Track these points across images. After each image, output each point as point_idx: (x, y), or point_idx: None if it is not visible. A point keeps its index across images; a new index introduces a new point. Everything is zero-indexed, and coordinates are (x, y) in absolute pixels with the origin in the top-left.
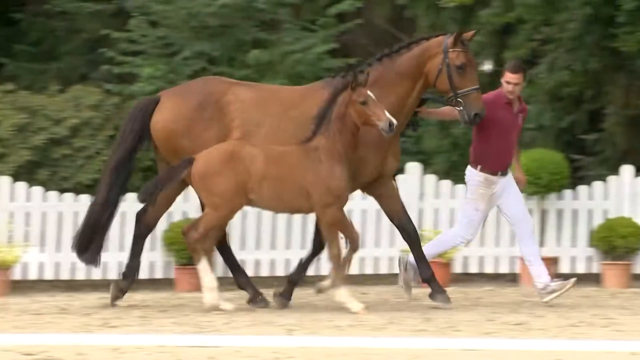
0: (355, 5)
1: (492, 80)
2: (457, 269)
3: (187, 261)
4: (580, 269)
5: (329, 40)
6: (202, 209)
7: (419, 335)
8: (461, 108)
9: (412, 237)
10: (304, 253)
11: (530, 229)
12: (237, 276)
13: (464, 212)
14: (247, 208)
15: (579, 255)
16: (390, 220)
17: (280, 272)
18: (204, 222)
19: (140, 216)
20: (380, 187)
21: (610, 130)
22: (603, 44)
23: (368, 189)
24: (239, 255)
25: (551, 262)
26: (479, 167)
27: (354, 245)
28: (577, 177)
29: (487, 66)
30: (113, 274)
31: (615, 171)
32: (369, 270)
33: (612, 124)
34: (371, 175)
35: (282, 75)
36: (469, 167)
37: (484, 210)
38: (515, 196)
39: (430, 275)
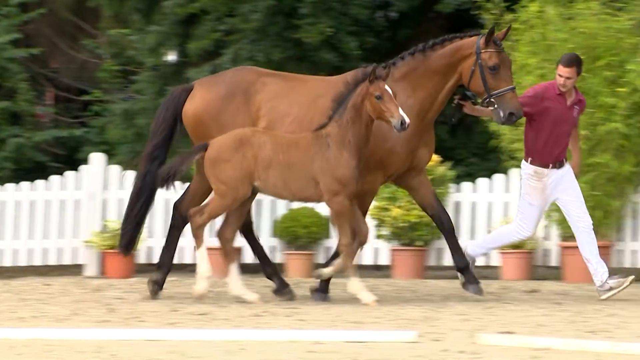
0: None
1: (177, 70)
2: (141, 259)
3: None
4: None
5: (12, 30)
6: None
7: (102, 326)
8: (495, 107)
9: (446, 227)
10: None
11: (585, 226)
12: (264, 266)
13: (519, 207)
14: None
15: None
16: (424, 211)
17: None
18: (210, 209)
19: (177, 206)
20: (412, 179)
21: None
22: (286, 35)
23: (400, 180)
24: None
25: (236, 252)
26: (529, 159)
27: (361, 238)
28: None
29: (171, 57)
30: None
31: None
32: (52, 261)
33: None
34: (400, 167)
35: None
36: (522, 160)
37: (539, 205)
38: (572, 192)
39: (466, 265)
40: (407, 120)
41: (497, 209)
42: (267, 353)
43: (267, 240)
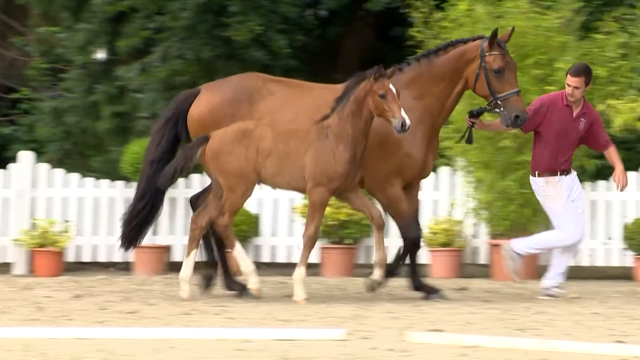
0: None
1: (106, 68)
2: (70, 257)
3: None
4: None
5: None
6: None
7: (31, 324)
8: (502, 109)
9: (413, 245)
10: None
11: (565, 240)
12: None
13: (552, 220)
14: None
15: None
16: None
17: None
18: (228, 206)
19: (193, 202)
20: (408, 187)
21: None
22: (216, 33)
23: None
24: None
25: (164, 251)
26: (536, 172)
27: (377, 222)
28: None
29: (101, 55)
30: None
31: None
32: None
33: None
34: (417, 171)
35: None
36: (530, 178)
37: (564, 208)
38: (578, 203)
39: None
40: (408, 122)
41: (426, 207)
42: (196, 351)
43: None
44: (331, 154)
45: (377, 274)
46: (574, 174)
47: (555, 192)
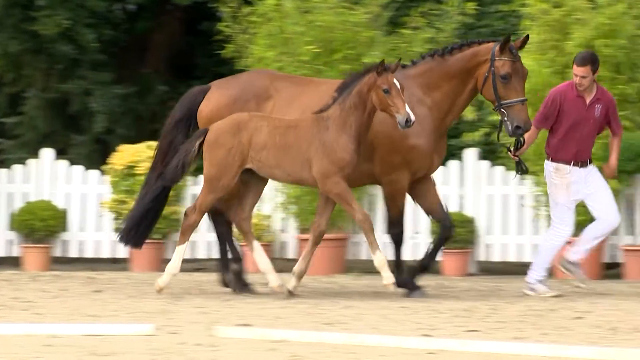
0: None
1: None
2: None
3: None
4: (1, 252)
5: None
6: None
7: None
8: (505, 118)
9: (446, 235)
10: None
11: (610, 222)
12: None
13: (550, 211)
14: None
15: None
16: (430, 217)
17: None
18: (200, 202)
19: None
20: (417, 185)
21: (30, 114)
22: (23, 26)
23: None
24: None
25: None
26: (550, 157)
27: (317, 231)
28: None
29: None
30: None
31: (35, 154)
32: None
33: (33, 107)
34: (424, 163)
35: None
36: (545, 160)
37: (564, 203)
38: (601, 192)
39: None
40: (413, 117)
41: None
42: (3, 347)
43: (4, 233)
44: (335, 144)
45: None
46: (590, 167)
47: (561, 182)
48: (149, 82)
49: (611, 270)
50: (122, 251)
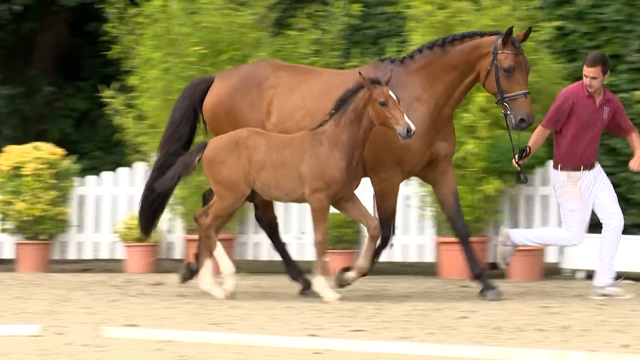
0: None
1: None
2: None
3: None
4: None
5: None
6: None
7: None
8: (508, 112)
9: (461, 232)
10: None
11: (616, 226)
12: (289, 267)
13: (562, 217)
14: None
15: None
16: (442, 210)
17: None
18: (213, 210)
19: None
20: (433, 174)
21: None
22: None
23: (423, 175)
24: None
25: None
26: (559, 166)
27: (371, 232)
28: None
29: None
30: None
31: None
32: None
33: None
34: (418, 163)
35: None
36: (552, 169)
37: (580, 209)
38: (606, 190)
39: (480, 273)
40: (413, 127)
41: (122, 202)
42: None
43: None
44: (326, 159)
45: (351, 275)
46: (597, 166)
47: (575, 189)
48: (35, 83)
49: (495, 270)
50: (8, 252)
